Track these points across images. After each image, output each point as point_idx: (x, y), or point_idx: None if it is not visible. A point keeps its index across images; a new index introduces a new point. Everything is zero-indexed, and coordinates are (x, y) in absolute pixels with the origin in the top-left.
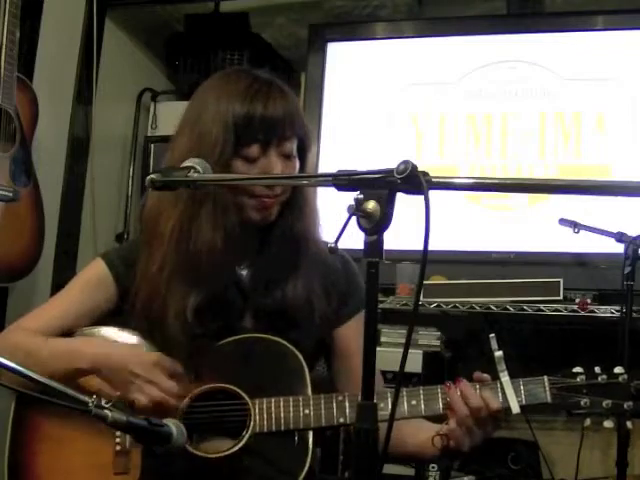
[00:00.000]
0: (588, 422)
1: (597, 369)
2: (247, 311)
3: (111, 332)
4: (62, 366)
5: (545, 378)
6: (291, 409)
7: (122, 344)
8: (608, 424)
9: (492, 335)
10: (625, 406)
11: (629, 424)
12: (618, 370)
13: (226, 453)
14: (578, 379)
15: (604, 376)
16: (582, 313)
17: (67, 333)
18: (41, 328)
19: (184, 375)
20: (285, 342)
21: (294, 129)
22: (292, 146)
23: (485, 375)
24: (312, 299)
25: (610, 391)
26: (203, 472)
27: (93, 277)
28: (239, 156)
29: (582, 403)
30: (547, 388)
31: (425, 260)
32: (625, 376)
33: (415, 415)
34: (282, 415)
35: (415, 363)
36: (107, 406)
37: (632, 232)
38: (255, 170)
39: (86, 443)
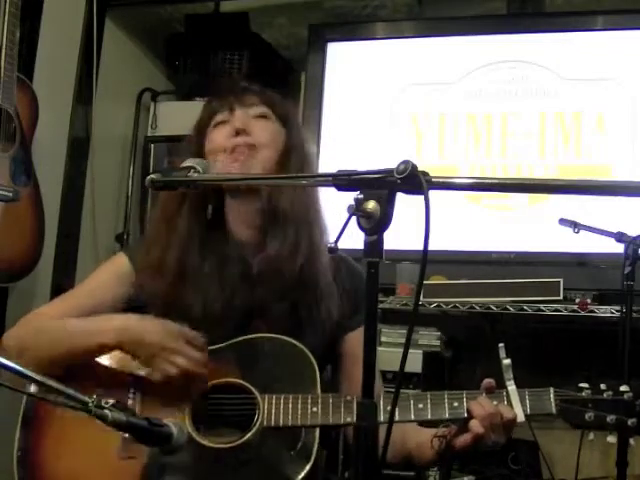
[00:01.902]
0: (592, 436)
1: (603, 385)
2: (260, 312)
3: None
4: (86, 342)
5: (551, 390)
6: (299, 406)
7: (144, 317)
8: (611, 439)
9: (501, 345)
10: (629, 423)
11: (632, 441)
12: (624, 388)
13: (232, 444)
14: (584, 393)
15: (609, 392)
16: (582, 313)
17: None
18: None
19: (206, 345)
20: (298, 343)
21: (258, 97)
22: (262, 110)
23: (492, 381)
24: (330, 306)
25: (615, 407)
26: (208, 461)
27: (114, 271)
28: (213, 126)
29: (586, 417)
30: (552, 400)
31: (425, 260)
32: (630, 394)
33: (420, 419)
34: (290, 411)
35: (415, 363)
36: (107, 406)
37: (632, 232)
38: (228, 128)
39: (93, 428)
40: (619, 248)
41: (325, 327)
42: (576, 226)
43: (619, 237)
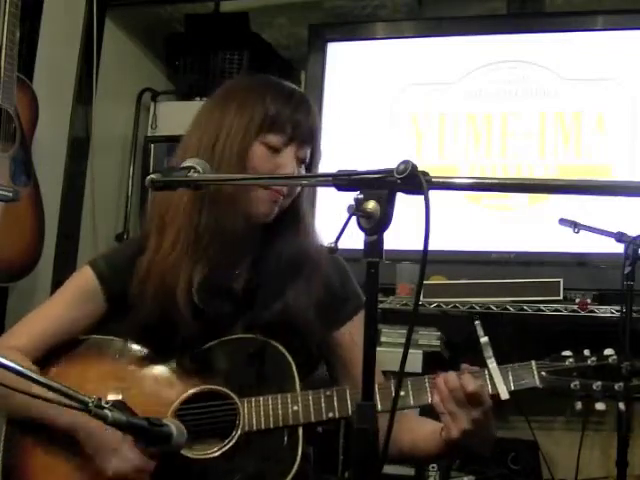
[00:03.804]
0: (579, 405)
1: (586, 352)
2: (239, 322)
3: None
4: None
5: (533, 363)
6: (279, 406)
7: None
8: (600, 406)
9: (477, 322)
10: (616, 387)
11: (621, 405)
12: (608, 352)
13: (216, 454)
14: (567, 362)
15: (594, 358)
16: (582, 313)
17: (55, 346)
18: (26, 347)
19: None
20: (273, 342)
21: (313, 140)
22: (307, 154)
23: (474, 367)
24: (311, 309)
25: (600, 373)
26: (194, 473)
27: (80, 287)
28: (261, 142)
29: (572, 386)
30: (535, 372)
31: (425, 260)
32: (615, 357)
33: (404, 407)
34: (271, 412)
35: (415, 363)
36: (107, 406)
37: (632, 232)
38: (271, 162)
39: (77, 444)
40: (619, 248)
41: (313, 333)
42: (576, 226)
43: (619, 237)
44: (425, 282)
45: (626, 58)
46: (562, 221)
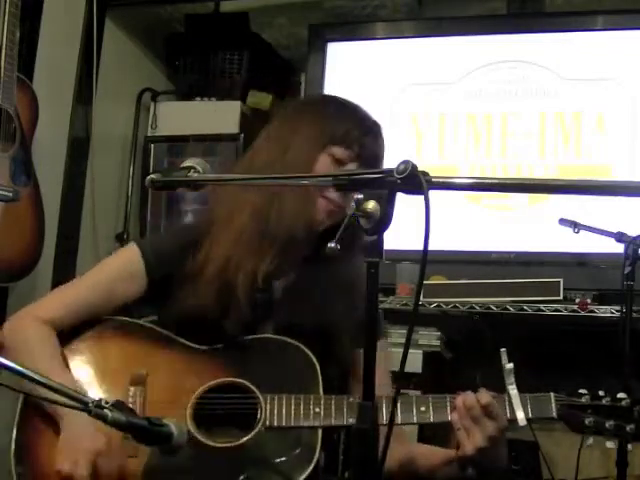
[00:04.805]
0: (591, 441)
1: (601, 392)
2: (270, 324)
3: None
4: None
5: (552, 395)
6: (302, 406)
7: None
8: (610, 445)
9: (503, 350)
10: (628, 429)
11: (630, 447)
12: (621, 395)
13: (234, 444)
14: (583, 399)
15: (608, 399)
16: (582, 313)
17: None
18: (56, 318)
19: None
20: (302, 346)
21: (376, 165)
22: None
23: (493, 393)
24: (348, 324)
25: (613, 413)
26: (209, 461)
27: (126, 264)
28: (328, 153)
29: (586, 422)
30: (553, 404)
31: (425, 260)
32: (628, 400)
33: (424, 421)
34: (293, 411)
35: (415, 363)
36: (107, 406)
37: (632, 232)
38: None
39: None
40: (619, 248)
41: (344, 346)
42: (576, 226)
43: (619, 237)
44: (425, 282)
45: (626, 58)
46: (562, 221)
